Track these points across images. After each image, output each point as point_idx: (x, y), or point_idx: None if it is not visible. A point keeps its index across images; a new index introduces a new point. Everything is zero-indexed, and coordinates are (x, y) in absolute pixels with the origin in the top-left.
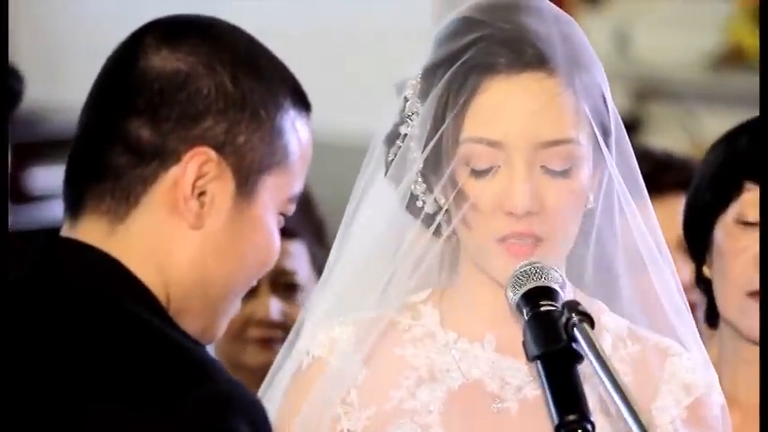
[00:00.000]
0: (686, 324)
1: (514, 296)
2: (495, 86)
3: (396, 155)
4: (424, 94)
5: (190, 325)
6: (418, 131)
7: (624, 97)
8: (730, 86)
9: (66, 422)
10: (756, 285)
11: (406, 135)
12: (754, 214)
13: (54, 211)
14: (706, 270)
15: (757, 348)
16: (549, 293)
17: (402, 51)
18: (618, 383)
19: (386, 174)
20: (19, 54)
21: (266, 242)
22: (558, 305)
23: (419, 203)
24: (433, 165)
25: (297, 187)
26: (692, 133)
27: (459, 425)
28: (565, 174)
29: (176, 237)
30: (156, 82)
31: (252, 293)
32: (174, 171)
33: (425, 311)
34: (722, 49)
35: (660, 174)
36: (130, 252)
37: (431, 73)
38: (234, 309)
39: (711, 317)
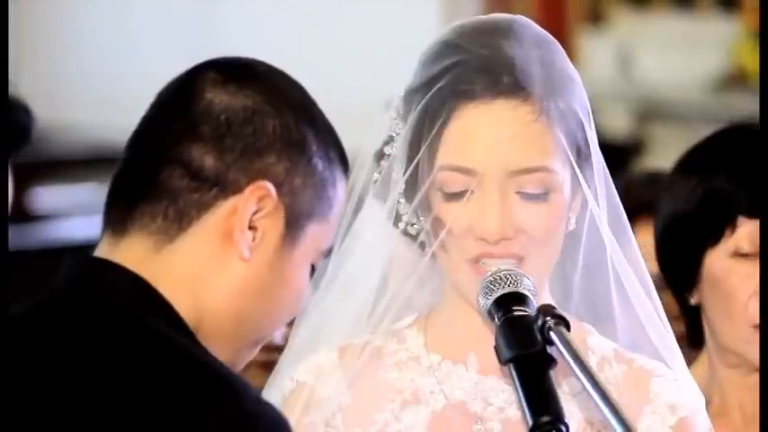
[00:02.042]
0: (672, 349)
1: (486, 302)
2: (468, 113)
3: (380, 173)
4: (404, 118)
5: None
6: (399, 154)
7: (627, 118)
8: (733, 108)
9: None
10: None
11: (389, 155)
12: (749, 246)
13: (54, 230)
14: (692, 299)
15: (754, 376)
16: (521, 299)
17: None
18: (597, 381)
19: (372, 192)
20: (18, 74)
21: (301, 289)
22: (531, 311)
23: (402, 224)
24: (412, 189)
25: (330, 241)
26: None
27: None
28: (541, 197)
29: (224, 265)
30: (224, 113)
31: None
32: (233, 200)
33: (410, 335)
34: (725, 71)
35: None
36: (170, 274)
37: (410, 97)
38: (251, 355)
39: (697, 340)
